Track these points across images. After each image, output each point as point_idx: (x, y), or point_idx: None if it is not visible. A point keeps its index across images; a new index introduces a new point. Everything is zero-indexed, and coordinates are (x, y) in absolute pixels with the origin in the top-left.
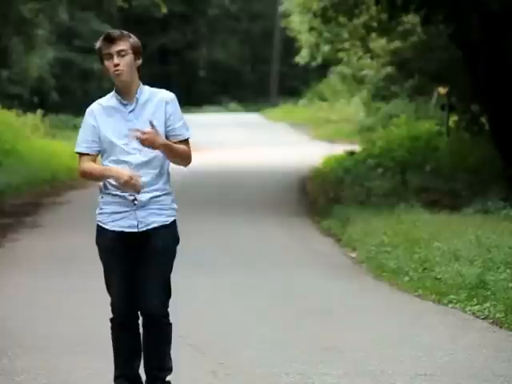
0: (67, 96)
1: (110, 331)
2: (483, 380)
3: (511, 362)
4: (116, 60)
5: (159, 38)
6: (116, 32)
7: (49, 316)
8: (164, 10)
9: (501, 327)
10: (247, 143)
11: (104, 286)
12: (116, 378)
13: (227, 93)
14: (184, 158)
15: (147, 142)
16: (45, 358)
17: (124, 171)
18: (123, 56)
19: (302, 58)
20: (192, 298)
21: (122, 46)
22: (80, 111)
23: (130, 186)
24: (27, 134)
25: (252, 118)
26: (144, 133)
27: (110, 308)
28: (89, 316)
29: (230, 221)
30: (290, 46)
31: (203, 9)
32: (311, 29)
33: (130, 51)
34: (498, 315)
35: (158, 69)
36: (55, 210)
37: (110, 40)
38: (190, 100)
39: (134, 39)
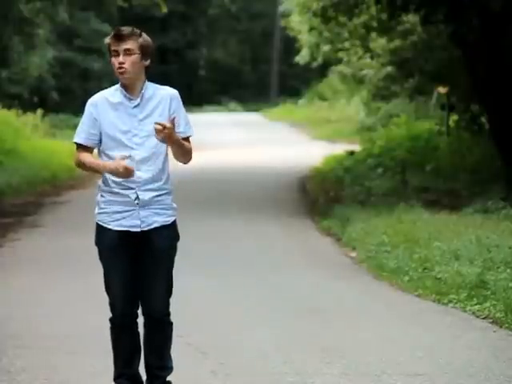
0: (67, 96)
1: (109, 330)
2: (483, 380)
3: (511, 362)
4: (121, 59)
5: (159, 37)
6: (126, 29)
7: (49, 316)
8: (164, 9)
9: (501, 327)
10: (247, 143)
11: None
12: (116, 378)
13: (227, 92)
14: (188, 155)
15: (165, 135)
16: (45, 357)
17: (112, 163)
18: (129, 55)
19: (302, 57)
20: (192, 298)
21: (129, 44)
22: (80, 111)
23: (121, 172)
24: (27, 134)
25: (252, 117)
26: (165, 127)
27: (109, 307)
28: (89, 315)
29: (229, 220)
30: (290, 45)
31: (203, 8)
32: (311, 29)
33: (138, 51)
34: (497, 315)
35: (158, 68)
36: (55, 209)
37: (119, 37)
38: (190, 100)
39: (144, 39)
